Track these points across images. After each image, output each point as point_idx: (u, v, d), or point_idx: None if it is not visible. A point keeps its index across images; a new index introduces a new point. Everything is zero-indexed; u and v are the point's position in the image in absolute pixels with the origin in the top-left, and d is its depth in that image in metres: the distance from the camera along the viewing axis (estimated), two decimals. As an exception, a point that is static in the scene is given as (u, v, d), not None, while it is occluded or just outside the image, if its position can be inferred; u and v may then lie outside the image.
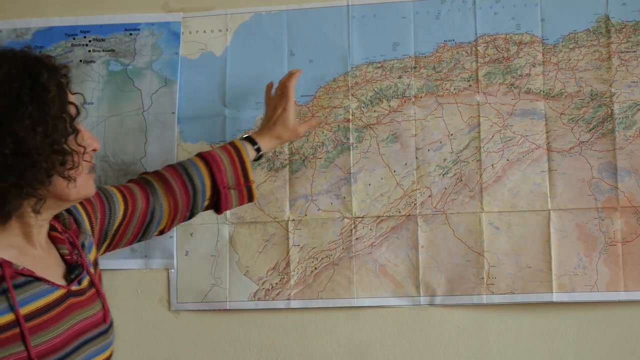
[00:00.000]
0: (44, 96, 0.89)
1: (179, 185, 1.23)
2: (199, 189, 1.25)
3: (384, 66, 1.48)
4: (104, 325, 1.04)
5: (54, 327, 0.92)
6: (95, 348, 1.01)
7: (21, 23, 1.56)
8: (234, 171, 1.28)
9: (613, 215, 1.40)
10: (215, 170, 1.26)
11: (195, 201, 1.26)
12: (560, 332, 1.42)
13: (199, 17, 1.54)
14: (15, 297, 0.87)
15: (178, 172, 1.25)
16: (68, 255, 1.02)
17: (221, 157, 1.28)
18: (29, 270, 0.92)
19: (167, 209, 1.23)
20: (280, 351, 1.49)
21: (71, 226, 1.08)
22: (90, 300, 1.03)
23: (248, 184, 1.30)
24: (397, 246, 1.45)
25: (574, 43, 1.44)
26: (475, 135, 1.45)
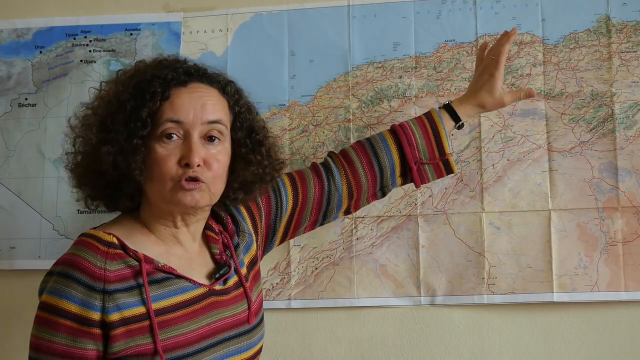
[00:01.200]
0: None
1: (363, 164, 1.21)
2: (386, 167, 1.22)
3: (385, 66, 1.48)
4: (247, 325, 1.06)
5: (187, 323, 0.96)
6: (235, 347, 1.03)
7: (22, 23, 1.56)
8: (427, 145, 1.22)
9: (614, 215, 1.40)
10: (405, 145, 1.21)
11: (384, 179, 1.23)
12: (560, 332, 1.42)
13: (200, 17, 1.54)
14: (148, 292, 0.93)
15: (365, 149, 1.22)
16: (218, 255, 1.07)
17: (413, 130, 1.23)
18: (170, 268, 0.98)
19: (345, 191, 1.21)
20: (281, 351, 1.49)
21: (228, 226, 1.11)
22: (234, 300, 1.05)
23: (444, 157, 1.23)
24: (398, 246, 1.45)
25: (575, 43, 1.44)
26: (475, 135, 1.45)
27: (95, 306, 0.90)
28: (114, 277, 0.92)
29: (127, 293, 0.92)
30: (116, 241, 0.95)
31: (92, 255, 0.92)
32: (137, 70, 1.02)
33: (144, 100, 0.96)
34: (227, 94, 1.06)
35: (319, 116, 1.49)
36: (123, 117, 0.95)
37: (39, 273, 1.37)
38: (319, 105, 1.49)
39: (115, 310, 0.91)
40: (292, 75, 1.50)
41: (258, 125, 1.10)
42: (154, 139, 0.96)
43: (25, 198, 1.52)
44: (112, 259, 0.93)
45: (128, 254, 0.95)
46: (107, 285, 0.91)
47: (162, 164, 0.96)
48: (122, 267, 0.94)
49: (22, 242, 1.51)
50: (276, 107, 1.50)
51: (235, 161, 1.04)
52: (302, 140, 1.49)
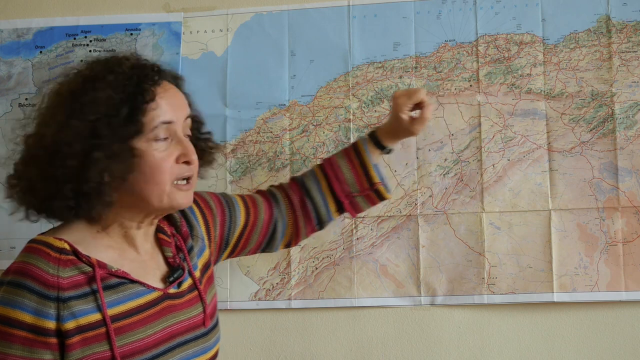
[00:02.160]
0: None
1: (297, 200, 1.22)
2: (320, 204, 1.23)
3: (385, 66, 1.48)
4: (203, 328, 1.05)
5: (143, 329, 0.94)
6: (192, 351, 1.02)
7: (22, 23, 1.56)
8: (356, 177, 1.22)
9: (614, 216, 1.40)
10: (334, 182, 1.22)
11: (320, 216, 1.23)
12: (561, 332, 1.42)
13: (200, 17, 1.54)
14: (103, 298, 0.91)
15: (298, 186, 1.24)
16: (172, 258, 1.05)
17: (340, 164, 1.23)
18: (124, 272, 0.95)
19: (289, 222, 1.23)
20: (282, 351, 1.49)
21: (182, 229, 1.09)
22: (189, 303, 1.04)
23: (374, 187, 1.23)
24: (398, 246, 1.45)
25: (575, 43, 1.44)
26: (476, 135, 1.45)
27: (50, 315, 0.87)
28: (68, 284, 0.89)
29: (81, 300, 0.89)
30: (67, 247, 0.92)
31: (43, 263, 0.89)
32: (109, 70, 0.95)
33: (137, 103, 0.93)
34: (182, 89, 1.05)
35: (320, 116, 1.49)
36: (116, 121, 0.91)
37: (39, 273, 1.35)
38: (319, 105, 1.49)
39: (71, 318, 0.88)
40: (293, 75, 1.50)
41: (201, 116, 1.11)
42: (143, 142, 0.93)
43: (26, 198, 1.51)
44: (65, 265, 0.90)
45: (81, 260, 0.92)
46: (61, 292, 0.88)
47: (161, 166, 0.94)
48: (75, 273, 0.91)
49: (22, 242, 1.49)
50: (276, 107, 1.50)
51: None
52: (303, 140, 1.49)
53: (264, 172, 1.49)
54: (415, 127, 1.20)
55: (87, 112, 0.91)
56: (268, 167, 1.49)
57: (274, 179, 1.48)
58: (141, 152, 0.93)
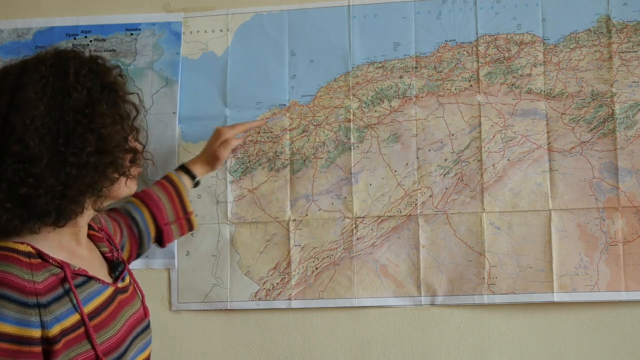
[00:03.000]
0: (113, 95, 0.91)
1: (127, 229, 1.25)
2: (144, 232, 1.28)
3: (385, 66, 1.48)
4: (146, 320, 1.07)
5: (112, 325, 0.95)
6: (142, 343, 1.03)
7: (22, 23, 1.56)
8: (172, 207, 1.33)
9: (614, 216, 1.40)
10: (156, 212, 1.29)
11: (142, 242, 1.28)
12: (561, 332, 1.42)
13: (200, 17, 1.54)
14: (78, 298, 0.89)
15: (125, 217, 1.27)
16: (109, 253, 1.05)
17: (159, 196, 1.31)
18: (83, 270, 0.94)
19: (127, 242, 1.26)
20: (282, 351, 1.49)
21: (102, 225, 1.11)
22: (132, 296, 1.05)
23: (187, 216, 1.35)
24: (398, 246, 1.45)
25: (575, 43, 1.44)
26: (476, 135, 1.45)
27: (33, 323, 0.82)
28: (44, 289, 0.85)
29: (59, 302, 0.87)
30: (32, 249, 0.88)
31: (17, 269, 0.84)
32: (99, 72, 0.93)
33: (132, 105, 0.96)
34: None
35: (320, 116, 1.49)
36: (128, 125, 0.94)
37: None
38: (320, 105, 1.49)
39: (55, 322, 0.85)
40: (293, 75, 1.50)
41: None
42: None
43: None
44: (37, 269, 0.86)
45: (48, 262, 0.88)
46: (40, 298, 0.84)
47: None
48: (47, 275, 0.87)
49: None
50: (277, 107, 1.50)
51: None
52: (303, 140, 1.49)
53: (264, 172, 1.49)
54: (222, 152, 1.37)
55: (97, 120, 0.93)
56: (268, 167, 1.49)
57: (274, 179, 1.48)
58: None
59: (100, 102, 0.88)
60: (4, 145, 0.84)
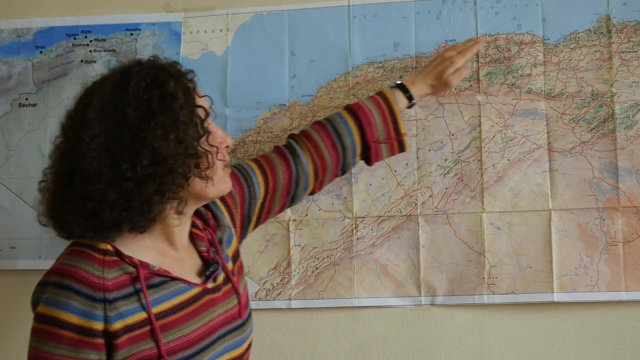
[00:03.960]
0: (172, 104, 0.93)
1: (327, 146, 1.23)
2: (349, 147, 1.24)
3: (385, 66, 1.48)
4: (239, 319, 1.07)
5: (187, 324, 0.97)
6: (230, 342, 1.04)
7: (22, 23, 1.56)
8: (384, 125, 1.26)
9: (614, 216, 1.40)
10: (366, 126, 1.24)
11: (346, 159, 1.25)
12: (561, 332, 1.42)
13: (200, 17, 1.54)
14: (147, 297, 0.93)
15: (327, 131, 1.24)
16: (205, 252, 1.07)
17: (371, 110, 1.26)
18: (165, 271, 0.97)
19: (312, 172, 1.23)
20: (282, 351, 1.49)
21: (209, 222, 1.12)
22: (225, 295, 1.06)
23: (399, 137, 1.28)
24: (398, 246, 1.45)
25: (575, 43, 1.44)
26: (476, 135, 1.45)
27: (97, 316, 0.89)
28: (113, 285, 0.91)
29: (126, 300, 0.92)
30: (111, 248, 0.94)
31: (89, 265, 0.91)
32: (165, 79, 0.97)
33: (194, 106, 0.98)
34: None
35: (320, 116, 1.49)
36: (193, 130, 0.95)
37: (39, 273, 1.37)
38: (320, 105, 1.49)
39: (118, 318, 0.90)
40: (293, 75, 1.50)
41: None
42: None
43: (26, 198, 1.52)
44: (110, 266, 0.92)
45: (124, 261, 0.94)
46: (107, 294, 0.90)
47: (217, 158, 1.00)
48: (120, 274, 0.93)
49: (22, 242, 1.51)
50: (277, 107, 1.50)
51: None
52: (303, 140, 1.49)
53: (264, 172, 1.49)
54: (454, 80, 1.30)
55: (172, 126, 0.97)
56: (268, 167, 1.49)
57: (274, 179, 1.48)
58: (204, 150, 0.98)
59: (155, 114, 0.91)
60: (74, 162, 0.91)
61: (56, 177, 0.95)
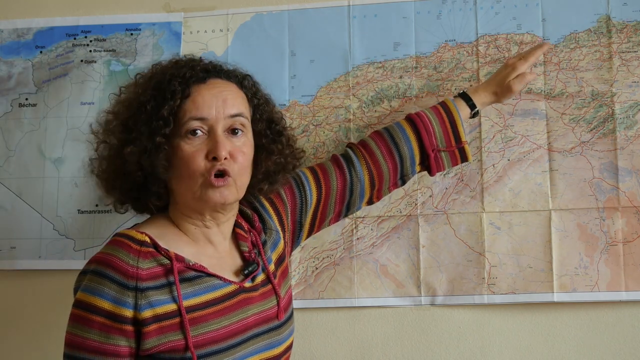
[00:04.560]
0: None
1: (384, 153, 1.24)
2: (406, 155, 1.25)
3: (385, 66, 1.48)
4: (276, 321, 1.08)
5: (218, 320, 0.98)
6: (264, 343, 1.05)
7: (22, 23, 1.57)
8: (444, 133, 1.26)
9: (614, 216, 1.40)
10: (424, 134, 1.25)
11: (404, 167, 1.26)
12: (561, 332, 1.42)
13: (200, 17, 1.54)
14: (179, 290, 0.95)
15: (384, 139, 1.25)
16: (247, 253, 1.08)
17: (430, 118, 1.26)
18: (201, 266, 1.00)
19: (367, 180, 1.24)
20: (281, 351, 1.49)
21: (255, 224, 1.13)
22: (263, 296, 1.07)
23: (460, 145, 1.28)
24: (398, 246, 1.45)
25: (575, 43, 1.44)
26: (476, 135, 1.45)
27: (127, 303, 0.92)
28: (146, 275, 0.94)
29: (158, 291, 0.95)
30: (148, 240, 0.98)
31: (124, 254, 0.95)
32: (155, 72, 1.05)
33: (165, 99, 0.98)
34: (244, 87, 1.08)
35: (320, 116, 1.49)
36: (144, 117, 0.98)
37: (39, 273, 1.38)
38: (320, 105, 1.49)
39: (148, 307, 0.93)
40: (293, 75, 1.50)
41: (277, 116, 1.13)
42: (178, 138, 0.99)
43: (26, 198, 1.52)
44: (145, 257, 0.95)
45: (160, 253, 0.97)
46: (140, 282, 0.93)
47: (191, 161, 0.98)
48: (154, 265, 0.96)
49: (22, 242, 1.51)
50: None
51: (258, 152, 1.07)
52: (303, 140, 1.49)
53: (264, 172, 1.49)
54: (517, 86, 1.29)
55: (123, 111, 1.01)
56: (268, 167, 1.49)
57: (274, 179, 1.48)
58: (173, 148, 0.98)
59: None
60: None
61: None
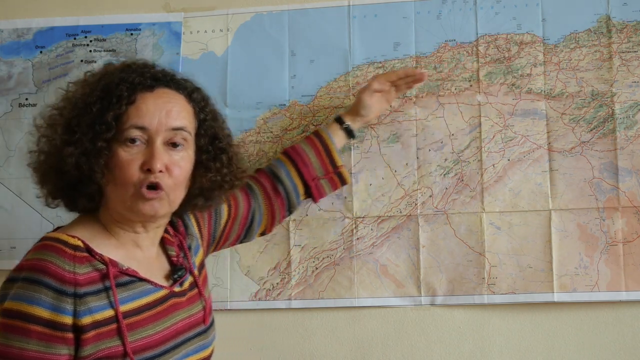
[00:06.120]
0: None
1: (270, 188, 1.28)
2: (290, 189, 1.29)
3: (385, 66, 1.48)
4: (203, 326, 1.08)
5: (152, 325, 0.97)
6: (193, 347, 1.05)
7: (22, 23, 1.56)
8: (320, 162, 1.31)
9: (614, 216, 1.40)
10: (302, 166, 1.29)
11: (290, 200, 1.30)
12: (561, 332, 1.42)
13: (200, 17, 1.54)
14: (116, 295, 0.94)
15: (267, 175, 1.29)
16: (175, 257, 1.08)
17: (305, 150, 1.30)
18: (133, 271, 0.98)
19: (265, 211, 1.29)
20: (282, 351, 1.49)
21: (179, 229, 1.13)
22: (190, 301, 1.07)
23: (337, 170, 1.33)
24: (398, 246, 1.45)
25: (575, 43, 1.44)
26: (476, 135, 1.45)
27: (66, 310, 0.89)
28: (84, 281, 0.91)
29: (96, 296, 0.92)
30: (82, 244, 0.94)
31: (59, 259, 0.91)
32: (105, 73, 1.02)
33: (110, 104, 0.95)
34: (193, 101, 1.06)
35: (320, 116, 1.49)
36: (89, 119, 0.95)
37: (39, 273, 1.34)
38: (320, 105, 1.49)
39: (87, 313, 0.90)
40: (293, 75, 1.50)
41: (222, 133, 1.11)
42: (117, 143, 0.95)
43: (26, 198, 1.52)
44: (80, 262, 0.92)
45: (94, 257, 0.94)
46: (78, 288, 0.90)
47: (125, 168, 0.95)
48: (90, 270, 0.93)
49: (22, 242, 1.51)
50: (277, 107, 1.50)
51: (196, 167, 1.04)
52: (303, 140, 1.49)
53: (264, 172, 1.49)
54: (364, 96, 1.33)
55: (68, 109, 0.98)
56: (268, 167, 1.49)
57: (274, 179, 1.48)
58: (112, 153, 0.95)
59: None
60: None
61: None
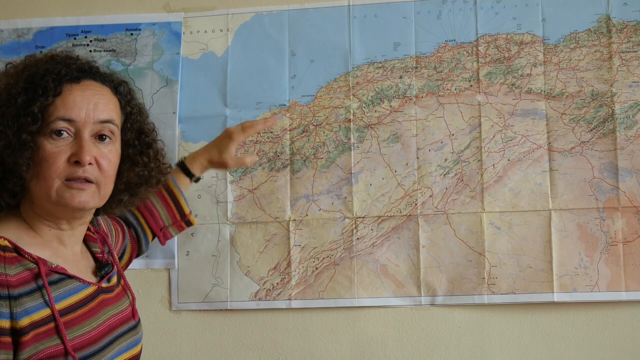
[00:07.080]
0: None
1: (128, 231, 1.29)
2: (141, 235, 1.31)
3: (385, 66, 1.48)
4: (133, 321, 1.08)
5: (87, 322, 0.96)
6: (126, 343, 1.04)
7: (22, 23, 1.56)
8: (169, 213, 1.33)
9: (614, 216, 1.40)
10: (150, 220, 1.31)
11: (140, 244, 1.31)
12: (561, 332, 1.42)
13: (200, 17, 1.54)
14: (51, 294, 0.91)
15: (127, 224, 1.31)
16: (99, 254, 1.07)
17: (154, 203, 1.32)
18: (62, 268, 0.95)
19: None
20: (282, 351, 1.49)
21: (100, 228, 1.13)
22: (118, 297, 1.06)
23: (185, 218, 1.34)
24: (398, 246, 1.45)
25: (575, 43, 1.44)
26: (476, 135, 1.45)
27: (3, 314, 0.85)
28: (17, 281, 0.88)
29: (30, 296, 0.89)
30: (9, 244, 0.90)
31: None
32: (28, 64, 0.98)
33: (36, 95, 0.92)
34: (119, 94, 1.04)
35: (320, 116, 1.49)
36: (13, 110, 0.91)
37: (39, 273, 1.34)
38: (320, 105, 1.49)
39: (24, 315, 0.87)
40: (293, 75, 1.50)
41: (148, 127, 1.09)
42: (42, 136, 0.92)
43: (26, 198, 1.52)
44: (10, 263, 0.88)
45: (24, 257, 0.91)
46: (12, 290, 0.86)
47: (51, 162, 0.92)
48: (21, 270, 0.89)
49: (22, 242, 1.51)
50: (277, 107, 1.50)
51: (123, 162, 1.03)
52: (303, 140, 1.49)
53: (264, 172, 1.49)
54: (231, 163, 1.33)
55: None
56: (268, 167, 1.49)
57: (274, 179, 1.48)
58: (37, 146, 0.92)
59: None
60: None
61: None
